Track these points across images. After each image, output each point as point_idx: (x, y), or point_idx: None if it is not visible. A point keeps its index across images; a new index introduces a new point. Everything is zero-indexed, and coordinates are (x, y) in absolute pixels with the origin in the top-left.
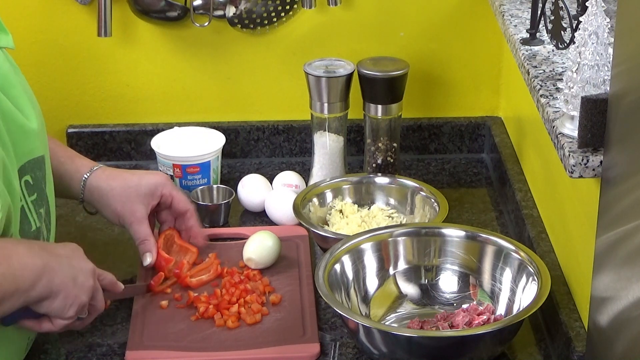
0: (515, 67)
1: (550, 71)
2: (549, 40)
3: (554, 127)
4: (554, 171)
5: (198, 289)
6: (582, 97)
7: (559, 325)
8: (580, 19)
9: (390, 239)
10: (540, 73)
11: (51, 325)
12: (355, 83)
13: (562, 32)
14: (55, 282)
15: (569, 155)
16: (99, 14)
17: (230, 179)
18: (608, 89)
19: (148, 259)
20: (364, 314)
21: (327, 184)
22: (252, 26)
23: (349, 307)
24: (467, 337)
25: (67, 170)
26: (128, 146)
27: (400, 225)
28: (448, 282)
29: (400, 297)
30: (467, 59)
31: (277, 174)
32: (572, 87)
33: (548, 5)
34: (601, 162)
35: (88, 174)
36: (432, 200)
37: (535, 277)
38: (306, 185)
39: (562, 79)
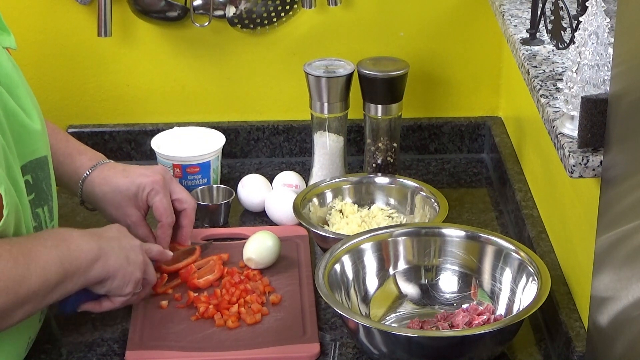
0: (515, 67)
1: (550, 71)
2: (549, 40)
3: (554, 127)
4: (554, 171)
5: (198, 289)
6: (582, 97)
7: (559, 325)
8: (580, 19)
9: (390, 239)
10: (540, 73)
11: (111, 304)
12: (355, 83)
13: (562, 32)
14: (110, 263)
15: (569, 155)
16: (99, 14)
17: (230, 179)
18: (608, 89)
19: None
20: (364, 314)
21: (327, 184)
22: (252, 26)
23: (349, 307)
24: (467, 337)
25: (65, 172)
26: (128, 146)
27: (400, 225)
28: (448, 282)
29: (400, 297)
30: (467, 59)
31: (277, 174)
32: (572, 87)
33: (548, 5)
34: (601, 162)
35: (84, 178)
36: (432, 200)
37: (535, 277)
38: (306, 185)
39: (562, 79)
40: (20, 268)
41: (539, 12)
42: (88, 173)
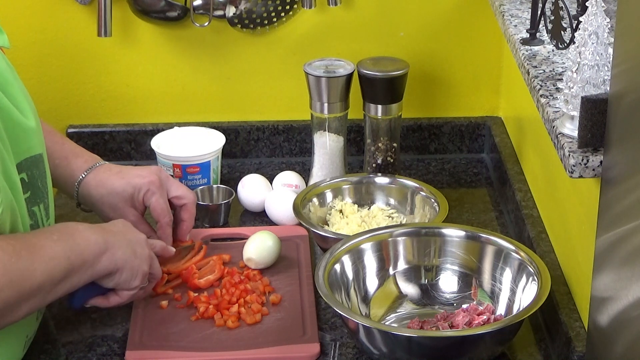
0: (515, 67)
1: (550, 71)
2: (549, 40)
3: (554, 127)
4: (554, 171)
5: (199, 289)
6: (582, 97)
7: (559, 325)
8: (580, 19)
9: (390, 239)
10: (540, 73)
11: (119, 298)
12: (355, 83)
13: (562, 32)
14: (118, 256)
15: (569, 155)
16: (99, 14)
17: (230, 179)
18: (608, 89)
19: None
20: (364, 314)
21: (327, 184)
22: (252, 26)
23: (349, 307)
24: (467, 337)
25: (61, 175)
26: (128, 146)
27: (400, 225)
28: (448, 282)
29: (400, 297)
30: (467, 59)
31: (277, 174)
32: (572, 87)
33: (548, 5)
34: (601, 162)
35: (79, 180)
36: (432, 200)
37: (535, 277)
38: (306, 185)
39: (562, 79)
40: (23, 262)
41: (539, 12)
42: (84, 176)
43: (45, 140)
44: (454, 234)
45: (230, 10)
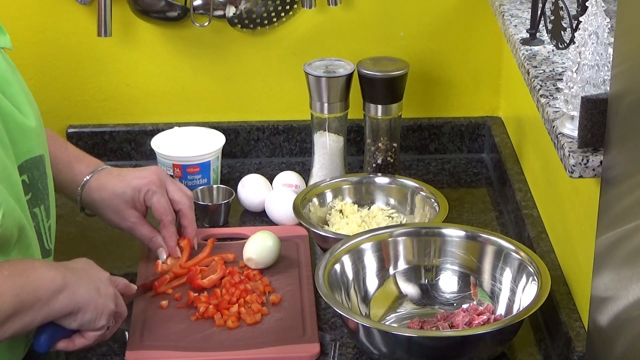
0: (515, 67)
1: (550, 71)
2: (549, 40)
3: (554, 127)
4: (554, 171)
5: (202, 289)
6: (582, 97)
7: (559, 325)
8: (580, 19)
9: (390, 239)
10: (540, 73)
11: (85, 340)
12: (355, 83)
13: (562, 32)
14: (79, 294)
15: (569, 155)
16: (99, 14)
17: (230, 179)
18: (608, 89)
19: (163, 255)
20: (364, 314)
21: (327, 184)
22: (252, 26)
23: (349, 307)
24: (467, 337)
25: (64, 180)
26: (128, 146)
27: (400, 225)
28: (448, 282)
29: (400, 297)
30: (467, 59)
31: (277, 174)
32: (572, 87)
33: (548, 5)
34: (601, 162)
35: (82, 185)
36: (432, 200)
37: (535, 277)
38: (306, 185)
39: (562, 79)
40: None
41: (539, 12)
42: (86, 180)
43: (48, 145)
44: (454, 234)
45: (230, 10)
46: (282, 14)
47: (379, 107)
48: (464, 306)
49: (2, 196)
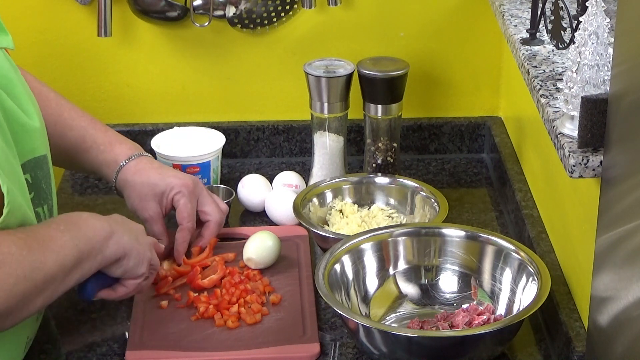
0: (515, 67)
1: (550, 71)
2: (549, 40)
3: (554, 127)
4: (554, 171)
5: (203, 289)
6: (582, 97)
7: (559, 325)
8: (580, 19)
9: (390, 239)
10: (540, 73)
11: (125, 289)
12: (355, 83)
13: (562, 32)
14: (124, 240)
15: (569, 155)
16: (99, 14)
17: (230, 179)
18: (608, 89)
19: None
20: (364, 314)
21: (327, 184)
22: (252, 26)
23: (349, 307)
24: (467, 337)
25: (105, 159)
26: None
27: (400, 225)
28: (448, 282)
29: (400, 297)
30: (467, 59)
31: (277, 174)
32: (572, 87)
33: (548, 5)
34: (601, 162)
35: (121, 165)
36: (432, 200)
37: (535, 277)
38: (306, 185)
39: (562, 79)
40: (35, 254)
41: (539, 12)
42: (126, 162)
43: (89, 127)
44: (454, 234)
45: (230, 10)
46: (282, 14)
47: (379, 107)
48: (464, 306)
49: (10, 194)
